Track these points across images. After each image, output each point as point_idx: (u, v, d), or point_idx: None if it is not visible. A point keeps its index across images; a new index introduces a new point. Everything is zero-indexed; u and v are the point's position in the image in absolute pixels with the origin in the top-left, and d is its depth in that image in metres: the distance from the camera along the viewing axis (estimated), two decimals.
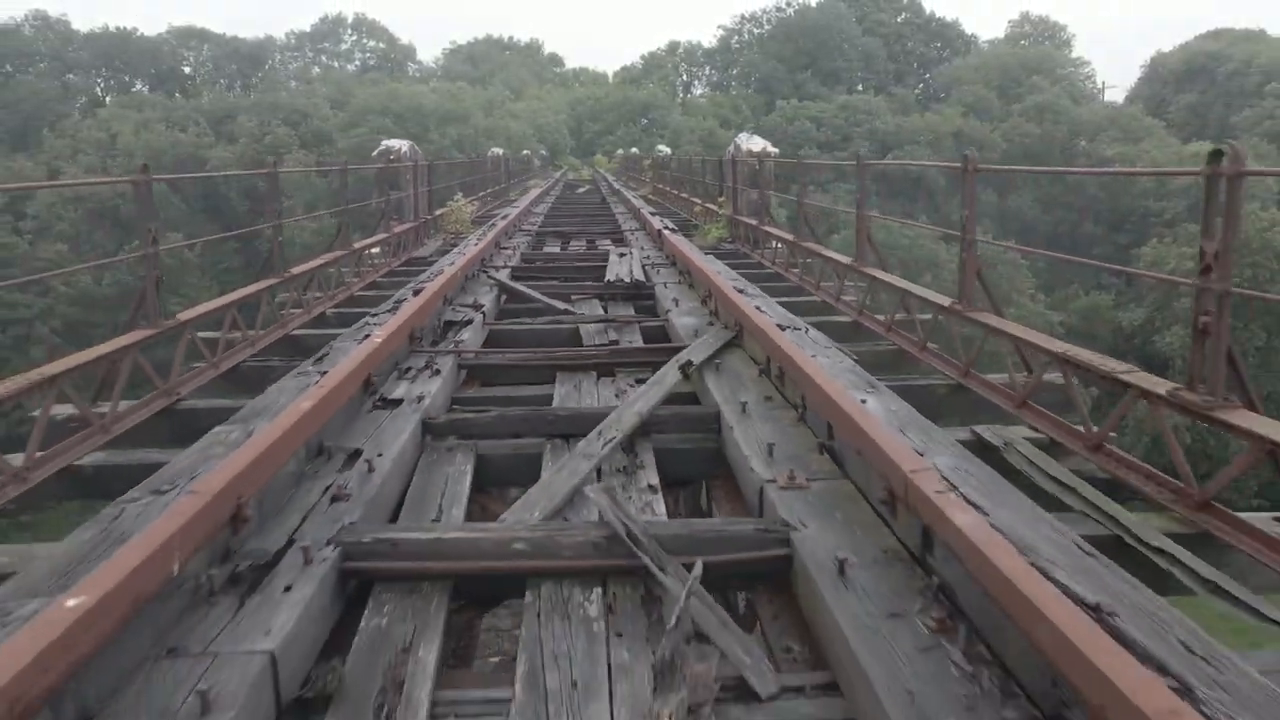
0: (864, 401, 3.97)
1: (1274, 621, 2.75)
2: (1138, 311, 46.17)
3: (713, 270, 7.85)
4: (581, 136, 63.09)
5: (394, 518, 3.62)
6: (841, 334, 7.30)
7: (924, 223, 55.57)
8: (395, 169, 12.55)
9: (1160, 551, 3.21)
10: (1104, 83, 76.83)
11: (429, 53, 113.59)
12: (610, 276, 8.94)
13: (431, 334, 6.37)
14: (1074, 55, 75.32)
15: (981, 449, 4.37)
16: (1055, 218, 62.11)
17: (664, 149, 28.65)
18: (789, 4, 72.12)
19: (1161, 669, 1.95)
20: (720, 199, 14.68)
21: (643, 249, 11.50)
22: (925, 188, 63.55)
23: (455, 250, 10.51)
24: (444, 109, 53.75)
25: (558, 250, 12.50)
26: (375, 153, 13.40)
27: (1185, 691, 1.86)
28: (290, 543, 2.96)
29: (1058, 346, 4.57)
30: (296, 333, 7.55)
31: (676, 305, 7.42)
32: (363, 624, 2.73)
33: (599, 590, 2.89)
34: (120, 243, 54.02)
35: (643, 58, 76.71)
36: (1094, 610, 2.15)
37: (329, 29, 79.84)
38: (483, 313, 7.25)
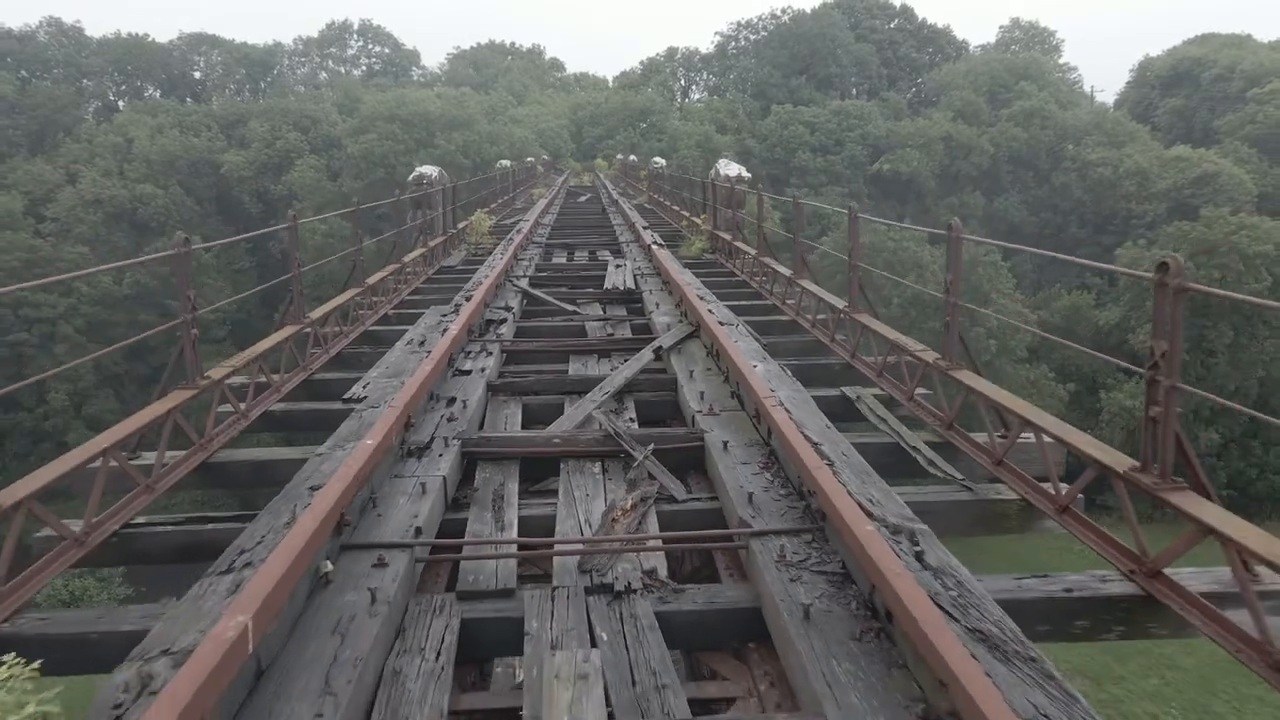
0: (755, 366, 6.58)
1: (945, 473, 5.36)
2: (1114, 311, 48.71)
3: (685, 281, 10.46)
4: (582, 141, 65.75)
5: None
6: (782, 329, 9.91)
7: (909, 224, 57.75)
8: (430, 193, 15.15)
9: (915, 449, 5.82)
10: (1093, 87, 79.25)
11: (433, 58, 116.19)
12: (608, 285, 11.56)
13: (480, 329, 8.98)
14: (1062, 60, 77.94)
15: (843, 400, 6.99)
16: (1041, 220, 64.69)
17: (659, 161, 31.28)
18: (784, 11, 74.83)
19: (827, 458, 4.57)
20: (703, 215, 17.29)
21: (635, 260, 14.11)
22: (915, 190, 66.20)
23: (485, 264, 13.11)
24: (449, 115, 56.28)
25: (565, 261, 15.09)
26: (410, 178, 15.98)
27: (831, 463, 4.49)
28: (433, 438, 5.58)
29: (892, 335, 7.17)
30: (372, 329, 10.14)
31: (657, 307, 10.03)
32: (476, 477, 5.34)
33: (600, 463, 5.50)
34: (137, 244, 56.58)
35: (642, 63, 79.50)
36: (815, 444, 4.76)
37: (336, 35, 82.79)
38: (513, 313, 9.88)
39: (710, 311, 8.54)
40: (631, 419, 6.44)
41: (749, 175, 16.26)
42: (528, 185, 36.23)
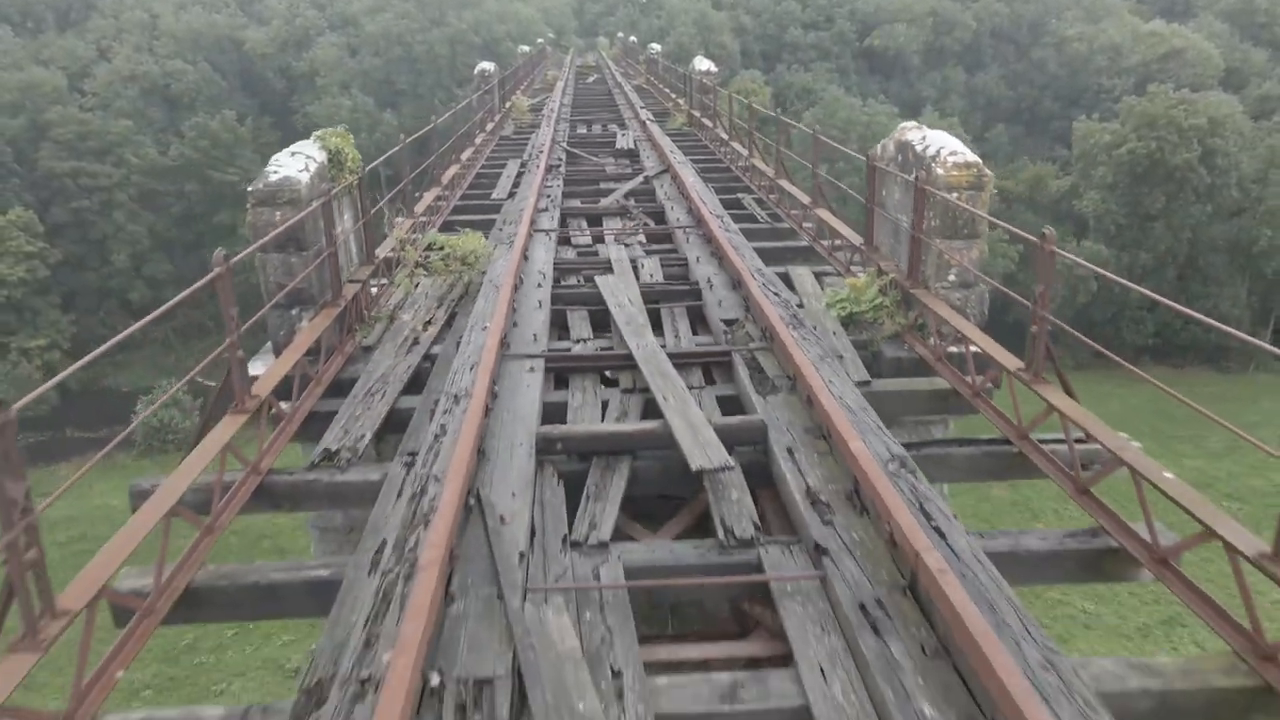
0: (690, 180, 14.35)
1: (767, 221, 13.24)
2: (1066, 180, 55.78)
3: (664, 144, 18.16)
4: (584, 18, 71.20)
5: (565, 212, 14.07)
6: (720, 169, 17.56)
7: (888, 100, 63.86)
8: (490, 85, 22.55)
9: (756, 213, 13.67)
10: None
11: None
12: (618, 146, 19.24)
13: (548, 169, 16.69)
14: None
15: (736, 199, 14.77)
16: (1018, 94, 70.73)
17: (655, 47, 38.02)
18: None
19: (713, 213, 12.41)
20: (683, 100, 24.65)
21: (634, 131, 21.65)
22: (901, 65, 72.03)
23: (536, 135, 20.73)
24: None
25: (586, 131, 22.64)
26: (475, 71, 23.21)
27: (717, 216, 12.35)
28: (547, 206, 13.43)
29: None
30: (481, 170, 17.77)
31: (648, 158, 17.72)
32: (567, 220, 13.21)
33: (619, 217, 13.41)
34: (171, 118, 62.86)
35: None
36: (712, 212, 12.58)
37: None
38: (562, 161, 17.60)
39: (676, 159, 16.28)
40: (633, 202, 14.24)
41: (716, 70, 23.52)
42: (542, 66, 42.99)
